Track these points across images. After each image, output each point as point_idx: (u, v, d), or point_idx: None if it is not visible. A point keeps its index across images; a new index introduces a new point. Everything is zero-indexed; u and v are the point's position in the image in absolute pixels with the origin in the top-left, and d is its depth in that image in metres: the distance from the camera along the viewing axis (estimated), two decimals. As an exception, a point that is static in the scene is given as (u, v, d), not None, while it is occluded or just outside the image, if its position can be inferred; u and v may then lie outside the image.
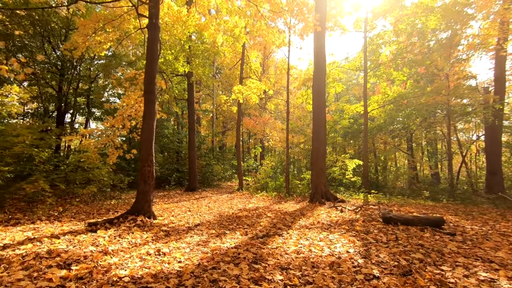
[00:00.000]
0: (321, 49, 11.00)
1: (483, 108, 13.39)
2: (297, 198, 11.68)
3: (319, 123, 10.88)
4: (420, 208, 8.70)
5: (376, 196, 11.10)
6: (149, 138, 6.43)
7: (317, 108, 10.97)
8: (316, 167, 10.72)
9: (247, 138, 32.71)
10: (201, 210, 8.46)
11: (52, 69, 16.75)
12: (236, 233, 5.33)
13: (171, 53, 12.78)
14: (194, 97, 15.34)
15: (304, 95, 16.15)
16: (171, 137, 19.64)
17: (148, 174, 6.34)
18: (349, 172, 13.76)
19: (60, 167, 10.71)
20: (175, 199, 11.49)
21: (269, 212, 7.89)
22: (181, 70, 13.83)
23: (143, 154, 6.36)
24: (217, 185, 18.91)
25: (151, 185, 6.40)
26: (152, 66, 6.59)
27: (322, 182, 10.63)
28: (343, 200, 10.25)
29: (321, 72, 10.96)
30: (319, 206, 9.37)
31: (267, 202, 10.86)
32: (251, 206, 9.41)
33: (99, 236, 4.74)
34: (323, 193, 10.51)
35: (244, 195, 12.90)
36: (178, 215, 7.30)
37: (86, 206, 8.21)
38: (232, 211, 8.27)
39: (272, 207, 9.12)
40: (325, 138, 11.03)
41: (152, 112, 6.51)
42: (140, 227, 5.53)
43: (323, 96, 11.00)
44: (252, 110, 25.03)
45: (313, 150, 10.99)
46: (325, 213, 7.65)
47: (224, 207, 9.27)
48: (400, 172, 17.38)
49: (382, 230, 5.48)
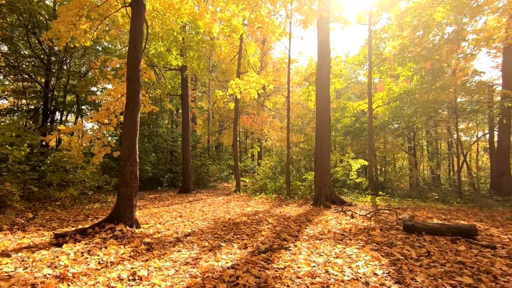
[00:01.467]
0: (325, 38, 10.16)
1: (487, 107, 12.72)
2: (299, 201, 10.81)
3: (323, 120, 10.03)
4: (436, 213, 7.88)
5: (384, 199, 10.28)
6: (132, 132, 5.52)
7: (321, 103, 10.12)
8: (320, 168, 9.87)
9: (244, 138, 31.80)
10: (193, 215, 7.55)
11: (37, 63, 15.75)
12: (233, 245, 4.44)
13: (162, 45, 11.85)
14: (188, 92, 14.42)
15: (306, 92, 15.30)
16: (164, 136, 18.68)
17: (130, 175, 5.42)
18: (353, 173, 12.93)
19: (41, 167, 9.74)
20: (166, 202, 10.55)
21: (270, 218, 7.01)
22: (174, 64, 12.90)
23: (125, 151, 5.44)
24: (212, 186, 17.99)
25: (134, 188, 5.49)
26: (136, 50, 5.68)
27: (327, 184, 9.78)
28: (349, 203, 9.40)
29: (326, 64, 10.12)
30: (324, 210, 8.51)
31: (266, 205, 9.98)
32: (249, 210, 8.52)
33: (63, 253, 3.82)
34: (328, 196, 9.66)
35: (241, 198, 12.01)
36: (166, 222, 6.38)
37: (63, 212, 7.25)
38: (229, 216, 7.37)
39: (272, 211, 8.23)
40: (329, 137, 10.19)
41: (136, 102, 5.60)
42: (118, 239, 4.61)
43: (327, 90, 10.16)
44: (250, 108, 24.15)
45: (316, 149, 10.14)
46: (334, 219, 6.79)
47: (219, 211, 8.37)
48: (404, 173, 16.60)
49: (407, 241, 4.62)
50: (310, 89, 15.34)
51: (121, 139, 5.41)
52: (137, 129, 5.61)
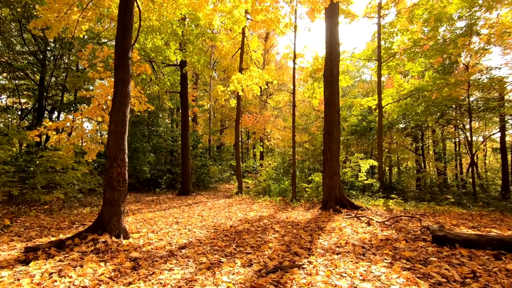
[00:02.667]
0: (333, 29, 9.45)
1: (498, 105, 11.98)
2: (305, 204, 10.10)
3: (331, 117, 9.31)
4: (459, 218, 7.14)
5: (397, 202, 9.53)
6: (120, 129, 4.82)
7: (329, 99, 9.40)
8: (328, 169, 9.15)
9: (246, 138, 31.10)
10: (191, 221, 6.85)
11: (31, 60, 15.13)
12: (235, 262, 3.73)
13: (160, 38, 11.16)
14: (188, 90, 13.73)
15: (310, 89, 14.57)
16: (164, 135, 18.02)
17: (118, 177, 4.73)
18: (362, 174, 12.18)
19: (30, 168, 9.06)
20: (163, 205, 9.86)
21: (277, 225, 6.30)
22: (173, 59, 12.22)
23: (112, 150, 4.75)
24: (213, 187, 17.30)
25: (122, 192, 4.79)
26: (125, 35, 4.98)
27: (336, 186, 9.05)
28: (361, 207, 8.67)
29: (334, 57, 9.40)
30: (334, 215, 7.79)
31: (271, 209, 9.27)
32: (253, 215, 7.80)
33: (28, 274, 3.12)
34: (338, 199, 8.93)
35: (244, 200, 11.30)
36: (160, 230, 5.67)
37: (47, 217, 6.56)
38: (230, 222, 6.67)
39: (278, 217, 7.52)
40: (339, 135, 9.47)
41: (124, 94, 4.90)
42: (99, 253, 3.91)
43: (336, 85, 9.43)
44: (252, 107, 23.45)
45: (325, 148, 9.41)
46: (348, 226, 6.07)
47: (220, 216, 7.67)
48: (413, 174, 15.85)
49: (442, 257, 3.89)
50: (315, 86, 14.61)
51: (107, 138, 4.71)
52: (125, 125, 4.91)
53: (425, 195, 12.60)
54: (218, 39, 12.04)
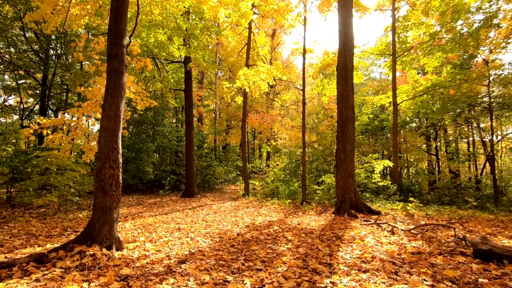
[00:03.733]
0: (348, 18, 8.79)
1: None
2: (316, 208, 9.45)
3: (345, 114, 8.65)
4: (490, 226, 6.42)
5: (417, 206, 8.79)
6: (113, 125, 4.26)
7: (342, 95, 8.74)
8: (342, 170, 8.48)
9: (252, 138, 30.50)
10: (195, 227, 6.27)
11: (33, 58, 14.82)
12: (244, 282, 3.12)
13: (163, 33, 10.65)
14: (192, 87, 13.21)
15: (320, 86, 13.91)
16: (168, 135, 17.54)
17: (110, 180, 4.17)
18: (376, 175, 11.47)
19: (27, 169, 8.62)
20: (166, 208, 9.32)
21: (288, 232, 5.68)
22: (177, 55, 11.71)
23: (103, 149, 4.20)
24: (219, 189, 16.75)
25: (115, 197, 4.23)
26: (118, 18, 4.43)
27: (351, 189, 8.38)
28: (379, 212, 7.99)
29: (348, 48, 8.74)
30: (350, 220, 7.14)
31: (280, 213, 8.65)
32: (261, 221, 7.19)
33: (-9, 299, 2.57)
34: (353, 203, 8.26)
35: (251, 203, 10.69)
36: (159, 238, 5.10)
37: (39, 223, 6.06)
38: (237, 229, 6.07)
39: (289, 222, 6.90)
40: (354, 134, 8.80)
41: (118, 86, 4.35)
42: (85, 270, 3.34)
43: (350, 80, 8.77)
44: (258, 106, 22.84)
45: (338, 148, 8.76)
46: (369, 234, 5.41)
47: (226, 221, 7.08)
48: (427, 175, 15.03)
49: (492, 277, 3.22)
50: (324, 83, 13.94)
51: (99, 135, 4.16)
52: (119, 121, 4.36)
53: (443, 198, 11.82)
54: (223, 34, 11.48)
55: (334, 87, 13.95)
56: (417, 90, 12.83)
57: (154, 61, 12.91)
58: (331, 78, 13.94)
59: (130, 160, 14.20)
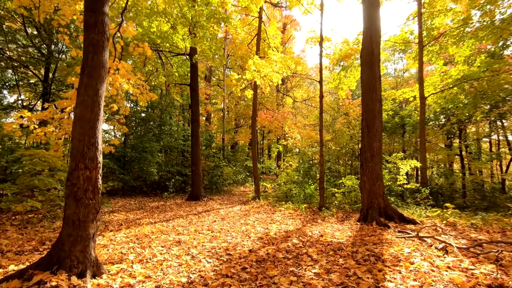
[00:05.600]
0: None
1: None
2: (337, 214, 8.34)
3: (372, 107, 7.52)
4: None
5: (456, 213, 7.56)
6: (90, 114, 3.30)
7: (368, 84, 7.61)
8: (368, 171, 7.36)
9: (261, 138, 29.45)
10: (198, 238, 5.27)
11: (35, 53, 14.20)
12: None
13: (166, 21, 9.73)
14: (198, 82, 12.27)
15: (336, 79, 12.75)
16: (174, 134, 16.68)
17: (85, 185, 3.20)
18: (402, 177, 10.26)
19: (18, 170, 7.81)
20: (168, 213, 8.37)
21: (312, 248, 4.61)
22: (182, 46, 10.80)
23: (77, 146, 3.24)
24: (227, 191, 15.77)
25: (92, 207, 3.26)
26: (97, -23, 3.47)
27: (380, 193, 7.25)
28: (413, 221, 6.83)
29: (375, 30, 7.62)
30: (381, 230, 6.04)
31: (296, 219, 7.59)
32: (276, 230, 6.15)
33: None
34: (382, 209, 7.13)
35: (262, 208, 9.66)
36: (153, 257, 4.10)
37: (17, 233, 5.17)
38: (249, 242, 5.03)
39: (309, 232, 5.83)
40: (381, 129, 7.65)
41: (97, 65, 3.38)
42: (36, 314, 2.37)
43: (377, 67, 7.64)
44: (269, 103, 21.79)
45: (363, 146, 7.62)
46: (413, 251, 4.30)
47: (236, 230, 6.06)
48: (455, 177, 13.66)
49: None
50: (341, 76, 12.78)
51: (72, 127, 3.18)
52: (99, 108, 3.39)
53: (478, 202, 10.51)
54: (231, 22, 10.48)
55: (351, 81, 12.81)
56: (446, 83, 11.54)
57: (158, 54, 12.03)
58: (347, 71, 12.79)
59: (134, 160, 13.39)
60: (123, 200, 11.25)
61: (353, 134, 15.14)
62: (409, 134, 15.50)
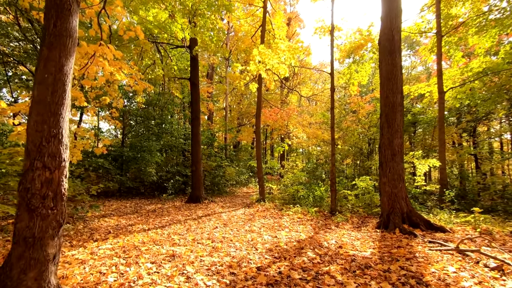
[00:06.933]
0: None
1: None
2: (351, 219, 7.52)
3: (392, 99, 6.69)
4: None
5: (487, 219, 6.71)
6: (51, 96, 2.52)
7: (388, 74, 6.79)
8: (389, 172, 6.54)
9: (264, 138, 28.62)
10: (196, 250, 4.48)
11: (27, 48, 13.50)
12: None
13: (163, 8, 8.97)
14: (198, 76, 11.49)
15: (347, 73, 11.92)
16: (175, 132, 15.93)
17: (43, 190, 2.42)
18: (420, 178, 9.42)
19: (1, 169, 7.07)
20: (165, 218, 7.59)
21: (333, 264, 3.81)
22: (181, 36, 10.04)
23: (33, 138, 2.46)
24: (230, 192, 14.99)
25: (52, 219, 2.47)
26: None
27: (402, 196, 6.43)
28: (442, 228, 5.99)
29: (395, 14, 6.80)
30: (406, 239, 5.24)
31: (307, 225, 6.79)
32: (286, 239, 5.34)
33: None
34: (405, 215, 6.30)
35: (268, 211, 8.85)
36: (138, 278, 3.30)
37: (-17, 243, 4.41)
38: (256, 257, 4.23)
39: (324, 242, 5.02)
40: (403, 125, 6.82)
41: (61, 32, 2.60)
42: None
43: (399, 55, 6.81)
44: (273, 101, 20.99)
45: (382, 144, 6.80)
46: (459, 270, 3.49)
47: (240, 240, 5.26)
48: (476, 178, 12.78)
49: None
50: (352, 70, 11.94)
51: (28, 114, 2.37)
52: (65, 90, 2.61)
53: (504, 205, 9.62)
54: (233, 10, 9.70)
55: (363, 75, 11.97)
56: (467, 76, 10.67)
57: (156, 46, 11.27)
58: (359, 64, 11.95)
59: (131, 160, 12.64)
60: (119, 202, 10.49)
61: (363, 132, 14.31)
62: (423, 132, 14.64)
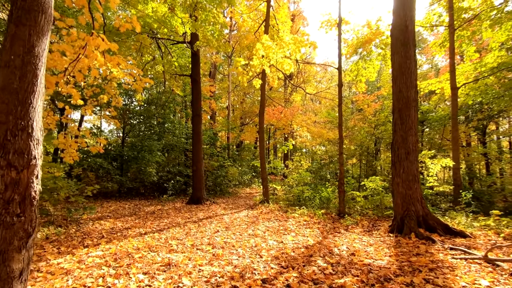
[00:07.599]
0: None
1: None
2: (361, 221, 7.08)
3: (406, 94, 6.25)
4: None
5: (509, 222, 6.23)
6: (16, 82, 2.13)
7: (401, 67, 6.34)
8: (403, 171, 6.09)
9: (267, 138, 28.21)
10: (195, 259, 4.07)
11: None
12: None
13: (163, 1, 8.60)
14: (200, 72, 11.11)
15: (354, 70, 11.47)
16: (177, 131, 15.57)
17: (8, 194, 2.02)
18: (432, 179, 8.93)
19: None
20: (163, 220, 7.20)
21: (348, 276, 3.39)
22: (181, 31, 9.66)
23: (-5, 131, 2.06)
24: (232, 193, 14.59)
25: (20, 228, 2.07)
26: None
27: (417, 198, 5.98)
28: (462, 233, 5.53)
29: (408, 4, 6.34)
30: (425, 246, 4.79)
31: (314, 228, 6.36)
32: (293, 245, 4.92)
33: None
34: (421, 218, 5.85)
35: (273, 213, 8.43)
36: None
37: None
38: (260, 266, 3.82)
39: (334, 249, 4.59)
40: (417, 122, 6.37)
41: (32, 4, 2.21)
42: None
43: (413, 47, 6.36)
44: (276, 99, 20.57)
45: (396, 142, 6.35)
46: (494, 284, 3.05)
47: (243, 245, 4.85)
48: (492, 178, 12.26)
49: None
50: (359, 66, 11.50)
51: None
52: (36, 75, 2.21)
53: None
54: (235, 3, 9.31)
55: (371, 71, 11.50)
56: (480, 71, 10.17)
57: (156, 42, 10.91)
58: (366, 61, 11.50)
59: (131, 160, 12.29)
60: (117, 203, 10.13)
61: (370, 130, 13.83)
62: (434, 130, 14.13)
